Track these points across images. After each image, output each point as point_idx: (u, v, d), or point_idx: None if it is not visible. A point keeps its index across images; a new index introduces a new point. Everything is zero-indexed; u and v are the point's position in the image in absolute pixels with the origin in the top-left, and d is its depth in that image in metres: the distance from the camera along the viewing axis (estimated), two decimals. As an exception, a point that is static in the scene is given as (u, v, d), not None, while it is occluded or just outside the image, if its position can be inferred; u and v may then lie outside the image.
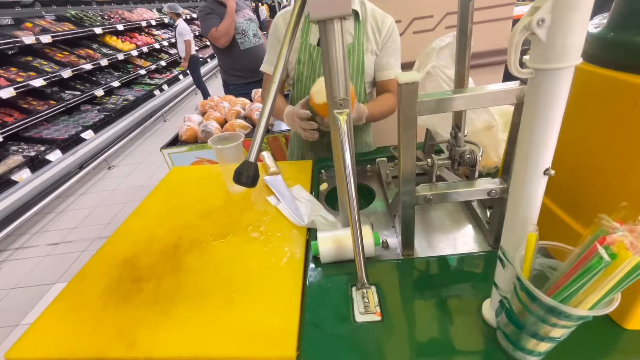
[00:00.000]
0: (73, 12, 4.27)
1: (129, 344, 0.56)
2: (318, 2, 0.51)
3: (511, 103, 0.53)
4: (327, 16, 0.52)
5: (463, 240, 0.75)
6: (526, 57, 0.35)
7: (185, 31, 4.38)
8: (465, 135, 0.65)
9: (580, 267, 0.35)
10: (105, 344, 0.57)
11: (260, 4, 7.10)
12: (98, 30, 4.25)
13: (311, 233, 0.79)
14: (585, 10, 0.29)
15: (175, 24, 4.43)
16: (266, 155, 1.10)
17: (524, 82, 0.51)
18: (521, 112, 0.52)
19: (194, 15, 7.40)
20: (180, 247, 0.78)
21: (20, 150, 3.07)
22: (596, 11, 0.40)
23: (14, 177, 2.71)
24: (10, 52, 3.43)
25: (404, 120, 0.54)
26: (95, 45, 4.45)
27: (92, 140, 3.55)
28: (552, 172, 0.37)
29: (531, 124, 0.36)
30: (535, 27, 0.30)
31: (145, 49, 5.18)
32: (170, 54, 5.96)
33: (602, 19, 0.54)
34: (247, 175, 0.59)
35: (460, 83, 0.62)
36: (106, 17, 4.77)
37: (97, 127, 3.70)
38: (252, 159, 0.60)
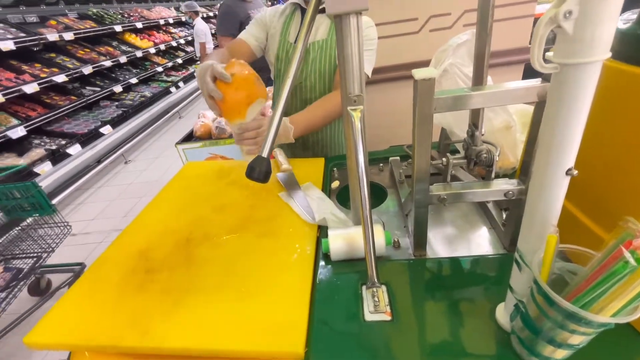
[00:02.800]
0: (95, 10, 4.39)
1: (142, 333, 0.57)
2: (335, -3, 0.50)
3: (532, 101, 0.52)
4: (343, 11, 0.52)
5: (477, 242, 0.73)
6: (549, 53, 0.34)
7: (201, 32, 4.35)
8: (483, 134, 0.63)
9: (603, 271, 0.33)
10: (119, 332, 0.58)
11: (275, 2, 7.15)
12: (118, 28, 4.35)
13: (322, 230, 0.79)
14: (616, 1, 0.28)
15: (193, 23, 4.44)
16: (278, 152, 1.10)
17: (546, 79, 0.49)
18: (543, 110, 0.51)
19: (211, 14, 7.50)
20: (192, 240, 0.79)
21: (43, 143, 3.17)
22: (626, 6, 0.38)
23: (37, 170, 2.81)
24: (35, 49, 3.55)
25: (420, 117, 0.53)
26: (115, 43, 4.56)
27: (110, 135, 3.64)
28: (575, 172, 0.36)
29: (554, 122, 0.34)
30: (562, 20, 0.29)
31: (162, 47, 5.27)
32: (186, 52, 6.06)
33: (631, 15, 0.51)
34: (259, 171, 0.59)
35: (478, 81, 0.61)
36: (126, 15, 4.88)
37: (115, 123, 3.79)
38: (265, 154, 0.60)
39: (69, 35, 3.55)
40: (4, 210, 1.72)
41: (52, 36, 3.37)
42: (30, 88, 2.97)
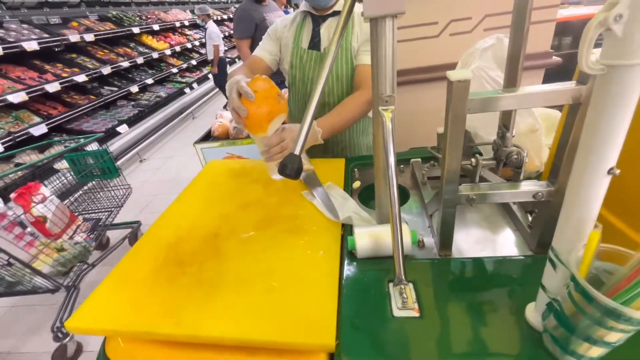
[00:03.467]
0: (114, 13, 4.52)
1: (175, 322, 0.59)
2: (374, 0, 0.52)
3: (566, 103, 0.52)
4: (381, 14, 0.53)
5: (502, 244, 0.73)
6: (592, 56, 0.35)
7: (214, 35, 4.36)
8: (513, 136, 0.64)
9: (645, 269, 0.34)
10: (155, 320, 0.60)
11: (289, 6, 7.24)
12: (136, 30, 4.46)
13: (346, 228, 0.80)
14: (667, 6, 0.29)
15: (206, 26, 4.46)
16: (300, 152, 1.12)
17: (581, 82, 0.50)
18: (576, 113, 0.52)
19: (224, 17, 7.62)
20: (219, 235, 0.81)
21: (63, 141, 3.26)
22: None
23: (56, 166, 2.89)
24: (57, 49, 3.67)
25: (453, 118, 0.54)
26: (132, 44, 4.67)
27: (126, 134, 3.73)
28: (617, 171, 0.37)
29: (598, 121, 0.35)
30: (612, 23, 0.30)
31: (178, 49, 5.38)
32: (200, 54, 6.16)
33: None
34: (291, 168, 0.61)
35: (511, 83, 0.62)
36: (144, 18, 5.00)
37: (131, 122, 3.88)
38: (297, 152, 0.62)
39: (89, 37, 3.65)
40: (79, 174, 2.03)
41: (74, 37, 3.47)
42: (52, 87, 3.06)
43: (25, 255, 1.60)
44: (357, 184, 1.02)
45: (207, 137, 2.02)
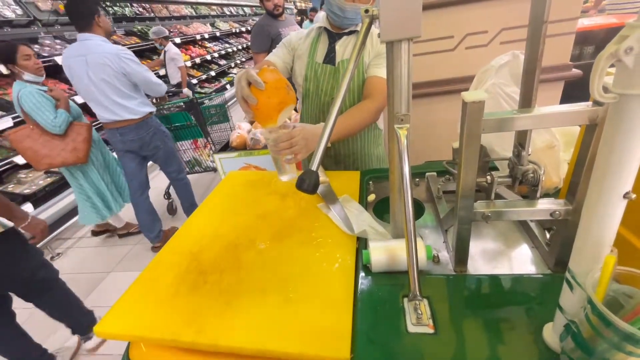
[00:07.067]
0: (139, 27, 4.74)
1: (197, 330, 0.62)
2: (390, 25, 0.54)
3: (582, 124, 0.53)
4: (397, 38, 0.56)
5: (519, 261, 0.73)
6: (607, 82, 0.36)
7: (178, 56, 4.22)
8: (529, 154, 0.64)
9: (664, 295, 0.34)
10: (177, 328, 0.63)
11: (305, 18, 7.41)
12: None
13: (361, 242, 0.82)
14: (678, 39, 0.30)
15: (165, 49, 4.21)
16: (315, 164, 1.15)
17: (598, 103, 0.50)
18: (592, 133, 0.52)
19: (242, 29, 7.86)
20: (239, 245, 0.84)
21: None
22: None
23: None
24: (86, 63, 3.87)
25: (468, 137, 0.55)
26: (155, 57, 4.88)
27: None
28: (633, 196, 0.37)
29: (611, 147, 0.36)
30: (623, 55, 0.31)
31: (197, 60, 5.57)
32: (219, 65, 6.35)
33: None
34: (308, 183, 0.64)
35: (526, 103, 0.62)
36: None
37: (153, 131, 4.03)
38: (314, 167, 0.64)
39: (116, 50, 3.84)
40: (207, 119, 3.00)
41: (103, 51, 3.65)
42: (81, 98, 3.23)
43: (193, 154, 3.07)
44: (372, 197, 1.03)
45: (226, 147, 2.08)
